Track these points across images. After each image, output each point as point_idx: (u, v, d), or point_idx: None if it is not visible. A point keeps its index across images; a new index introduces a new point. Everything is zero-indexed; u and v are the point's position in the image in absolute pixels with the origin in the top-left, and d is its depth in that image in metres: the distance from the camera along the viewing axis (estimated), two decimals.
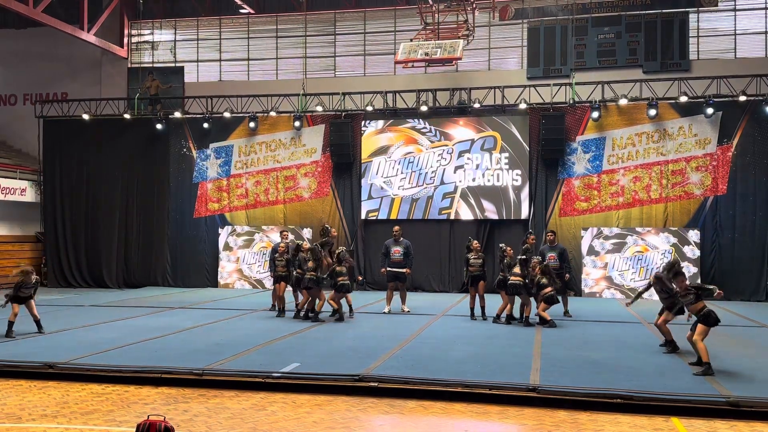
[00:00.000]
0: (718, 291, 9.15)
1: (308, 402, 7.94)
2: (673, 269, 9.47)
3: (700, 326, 8.96)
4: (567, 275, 14.42)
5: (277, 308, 14.44)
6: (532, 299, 12.88)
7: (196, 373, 8.76)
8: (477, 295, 13.58)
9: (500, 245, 13.70)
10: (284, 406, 7.80)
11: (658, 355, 10.01)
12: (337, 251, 13.65)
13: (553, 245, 14.53)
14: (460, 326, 12.80)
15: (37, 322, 11.81)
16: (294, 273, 13.88)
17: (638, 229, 18.30)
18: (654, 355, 9.93)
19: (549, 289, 12.51)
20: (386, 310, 14.65)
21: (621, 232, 18.34)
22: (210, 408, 7.67)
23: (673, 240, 17.95)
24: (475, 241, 13.81)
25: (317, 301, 13.43)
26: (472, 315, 13.63)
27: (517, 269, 12.67)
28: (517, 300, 12.97)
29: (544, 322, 12.54)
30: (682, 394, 7.66)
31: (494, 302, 13.58)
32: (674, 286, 9.56)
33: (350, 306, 14.03)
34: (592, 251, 18.40)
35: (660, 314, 10.34)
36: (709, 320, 8.91)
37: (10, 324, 11.41)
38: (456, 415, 7.50)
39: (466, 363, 9.26)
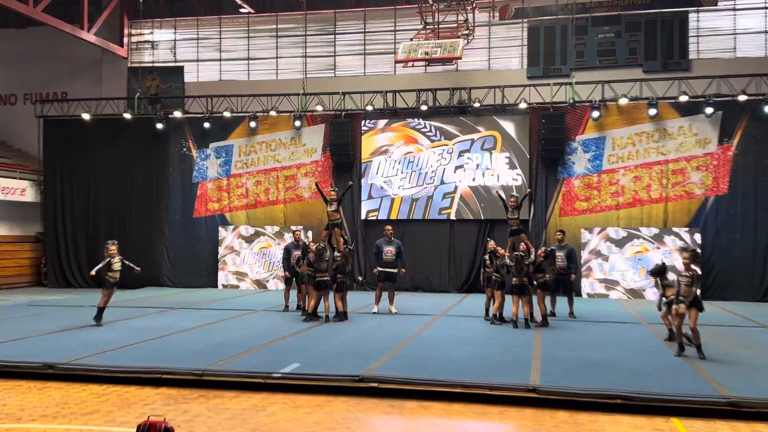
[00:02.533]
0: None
1: (308, 402, 7.94)
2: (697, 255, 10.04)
3: (694, 311, 9.58)
4: (573, 275, 14.36)
5: (301, 308, 14.27)
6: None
7: (197, 374, 8.76)
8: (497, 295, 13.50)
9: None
10: (284, 406, 7.80)
11: (658, 355, 10.00)
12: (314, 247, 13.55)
13: (561, 245, 14.43)
14: (460, 326, 12.80)
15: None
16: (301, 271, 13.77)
17: (643, 231, 18.23)
18: (654, 356, 9.92)
19: (541, 274, 12.98)
20: (375, 310, 14.55)
21: (629, 233, 18.25)
22: (210, 408, 7.67)
23: (679, 243, 17.88)
24: (492, 242, 13.74)
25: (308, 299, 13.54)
26: (487, 314, 13.55)
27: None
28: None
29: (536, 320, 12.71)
30: (682, 395, 7.66)
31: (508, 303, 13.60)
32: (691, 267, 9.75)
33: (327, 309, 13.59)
34: (593, 251, 18.39)
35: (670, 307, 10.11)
36: (700, 305, 9.59)
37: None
38: (456, 416, 7.50)
39: (466, 363, 9.25)
